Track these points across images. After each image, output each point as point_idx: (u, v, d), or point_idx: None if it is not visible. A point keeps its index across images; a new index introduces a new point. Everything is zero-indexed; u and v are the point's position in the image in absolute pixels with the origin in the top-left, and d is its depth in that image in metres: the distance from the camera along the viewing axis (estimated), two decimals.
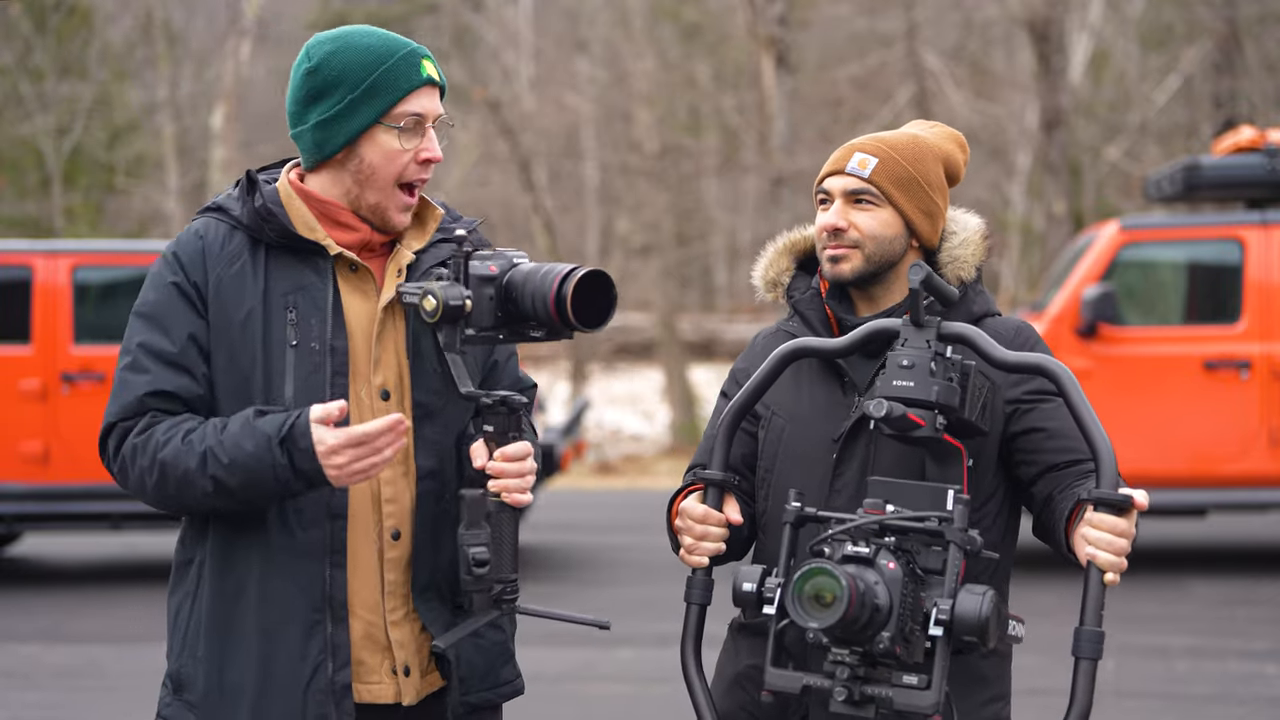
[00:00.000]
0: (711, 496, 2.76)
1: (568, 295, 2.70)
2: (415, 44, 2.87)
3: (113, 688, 7.76)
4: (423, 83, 2.81)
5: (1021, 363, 2.63)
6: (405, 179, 2.82)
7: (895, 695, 2.45)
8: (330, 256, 2.81)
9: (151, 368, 2.78)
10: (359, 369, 2.82)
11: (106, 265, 11.01)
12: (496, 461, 2.75)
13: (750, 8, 20.96)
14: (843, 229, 2.85)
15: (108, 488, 10.33)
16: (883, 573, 2.42)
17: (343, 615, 2.78)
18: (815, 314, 2.94)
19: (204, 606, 2.81)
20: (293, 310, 2.78)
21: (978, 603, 2.43)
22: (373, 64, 2.80)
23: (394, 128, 2.80)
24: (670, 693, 4.89)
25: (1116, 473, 2.52)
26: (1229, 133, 12.25)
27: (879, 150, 2.87)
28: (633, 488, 16.33)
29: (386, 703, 2.83)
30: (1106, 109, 23.44)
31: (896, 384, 2.57)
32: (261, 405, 2.75)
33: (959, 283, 2.90)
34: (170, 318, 2.80)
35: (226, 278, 2.79)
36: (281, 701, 2.75)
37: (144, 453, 2.77)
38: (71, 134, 23.32)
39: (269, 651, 2.76)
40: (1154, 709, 7.04)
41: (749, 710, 2.87)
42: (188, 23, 26.95)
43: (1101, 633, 2.49)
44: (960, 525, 2.48)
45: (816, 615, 2.36)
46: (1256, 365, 10.14)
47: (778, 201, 20.08)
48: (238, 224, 2.83)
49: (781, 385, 2.87)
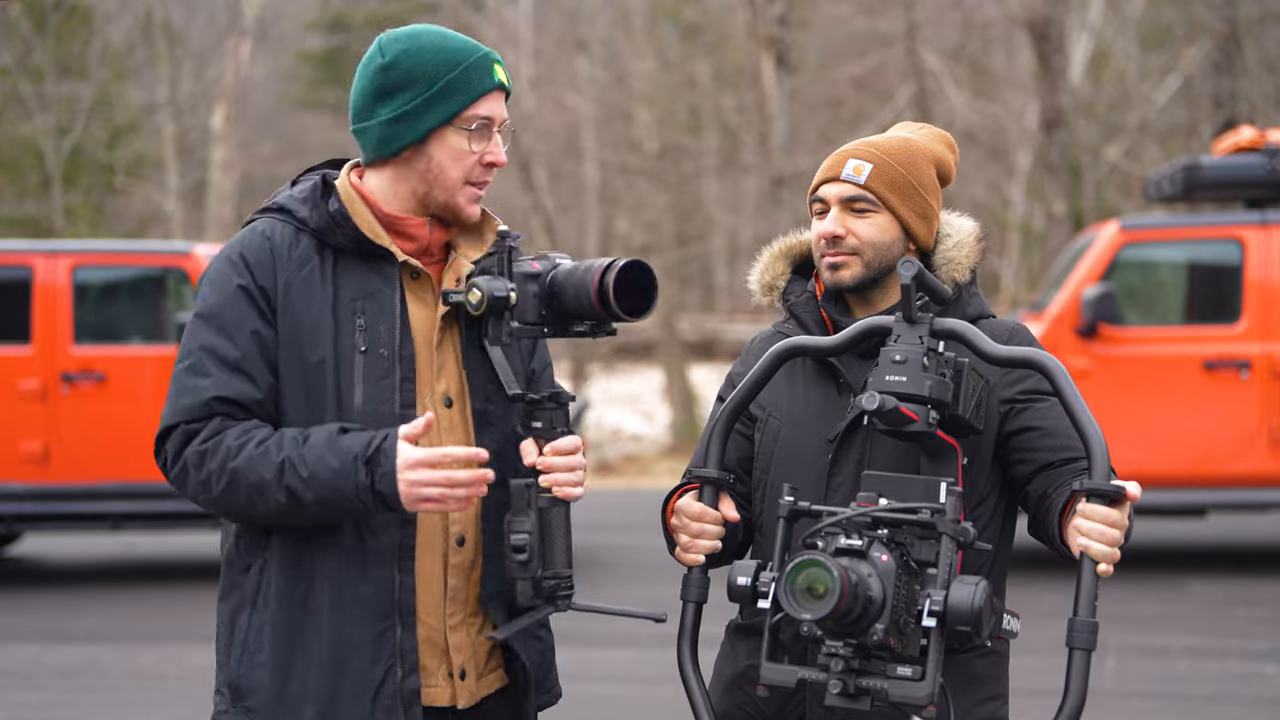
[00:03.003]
0: (707, 495, 2.76)
1: (610, 285, 2.74)
2: (488, 48, 2.89)
3: (113, 688, 7.76)
4: (494, 87, 2.83)
5: (1013, 356, 2.63)
6: (470, 180, 2.83)
7: (890, 687, 2.43)
8: (397, 263, 2.81)
9: (214, 371, 2.73)
10: (423, 376, 2.82)
11: (106, 265, 11.02)
12: (547, 456, 2.77)
13: (750, 8, 20.96)
14: (841, 236, 2.85)
15: (107, 488, 10.34)
16: (876, 565, 2.41)
17: (411, 622, 2.78)
18: (811, 317, 2.94)
19: (269, 613, 2.78)
20: (361, 316, 2.77)
21: (970, 592, 2.42)
22: (448, 65, 2.81)
23: (464, 130, 2.80)
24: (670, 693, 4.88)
25: (1108, 464, 2.52)
26: (1229, 133, 12.25)
27: (873, 156, 2.87)
28: (633, 488, 16.33)
29: (442, 705, 2.84)
30: (1106, 109, 23.43)
31: (889, 379, 2.56)
32: (332, 412, 2.74)
33: (953, 284, 2.91)
34: (235, 321, 2.75)
35: (296, 282, 2.76)
36: (351, 708, 2.74)
37: (213, 457, 2.71)
38: (71, 134, 23.31)
39: (340, 658, 2.74)
40: (1154, 709, 7.04)
41: (746, 711, 2.87)
42: (188, 23, 26.95)
43: (1095, 623, 2.47)
44: (952, 517, 2.48)
45: (809, 607, 2.35)
46: (1256, 365, 10.14)
47: (778, 201, 20.07)
48: (303, 226, 2.80)
49: (777, 387, 2.88)
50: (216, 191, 24.29)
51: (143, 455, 10.26)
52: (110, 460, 10.31)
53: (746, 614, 2.79)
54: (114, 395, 10.41)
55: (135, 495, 10.31)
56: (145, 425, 10.25)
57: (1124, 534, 2.51)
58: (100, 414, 10.38)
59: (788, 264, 3.04)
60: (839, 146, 2.99)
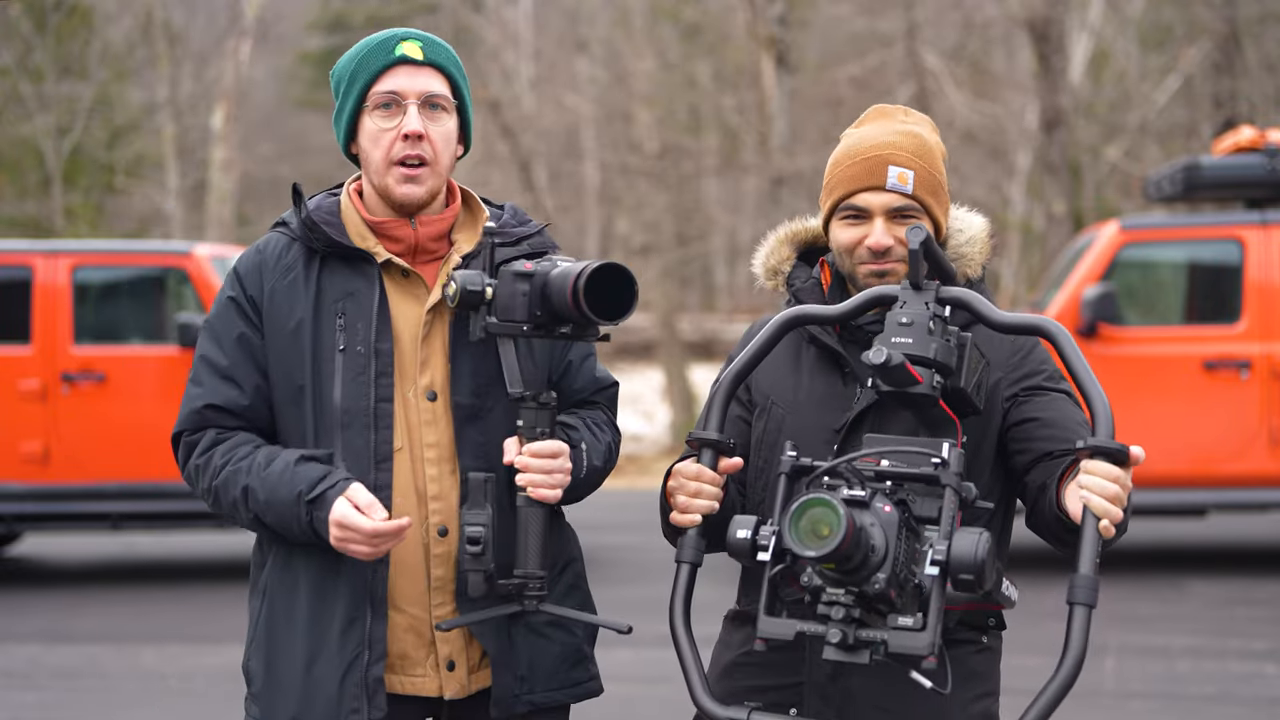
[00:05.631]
0: (706, 457, 2.72)
1: (581, 287, 2.74)
2: (406, 30, 2.92)
3: (113, 688, 7.76)
4: (394, 61, 2.86)
5: (1018, 323, 2.62)
6: (394, 158, 2.86)
7: (890, 638, 2.39)
8: (377, 263, 2.87)
9: (206, 381, 2.89)
10: (405, 370, 2.87)
11: (106, 265, 11.01)
12: (524, 456, 2.79)
13: (750, 8, 20.96)
14: (891, 246, 2.84)
15: (107, 488, 10.34)
16: (879, 515, 2.38)
17: (383, 610, 2.84)
18: (815, 303, 2.92)
19: (265, 604, 2.92)
20: (342, 316, 2.86)
21: (974, 542, 2.38)
22: (352, 57, 2.91)
23: (375, 110, 2.85)
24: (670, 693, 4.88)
25: (1112, 426, 2.49)
26: (1229, 133, 12.24)
27: (912, 162, 2.86)
28: (632, 488, 16.32)
29: (430, 695, 2.89)
30: (1106, 109, 23.43)
31: (895, 340, 2.55)
32: (314, 409, 2.84)
33: (965, 281, 2.91)
34: (225, 331, 2.91)
35: (280, 288, 2.88)
36: (322, 694, 2.83)
37: (204, 475, 2.88)
38: (71, 134, 23.32)
39: (314, 647, 2.85)
40: (1154, 709, 7.04)
41: (740, 697, 2.86)
42: (188, 23, 26.95)
43: (1096, 579, 2.44)
44: (956, 470, 2.46)
45: (813, 545, 2.32)
46: (1256, 365, 10.14)
47: (778, 201, 20.07)
48: (295, 236, 2.93)
49: (781, 375, 2.87)
50: (216, 191, 24.30)
51: (143, 455, 10.35)
52: (110, 460, 10.31)
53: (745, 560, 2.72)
54: (114, 395, 10.41)
55: (135, 495, 10.31)
56: (145, 425, 10.31)
57: (1126, 498, 2.47)
58: (100, 414, 10.38)
59: (793, 249, 3.02)
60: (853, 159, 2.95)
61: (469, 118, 2.96)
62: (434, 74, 2.88)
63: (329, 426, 2.84)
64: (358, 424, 2.83)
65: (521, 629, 2.90)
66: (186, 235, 23.60)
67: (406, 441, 2.86)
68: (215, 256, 10.88)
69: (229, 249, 12.09)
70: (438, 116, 2.88)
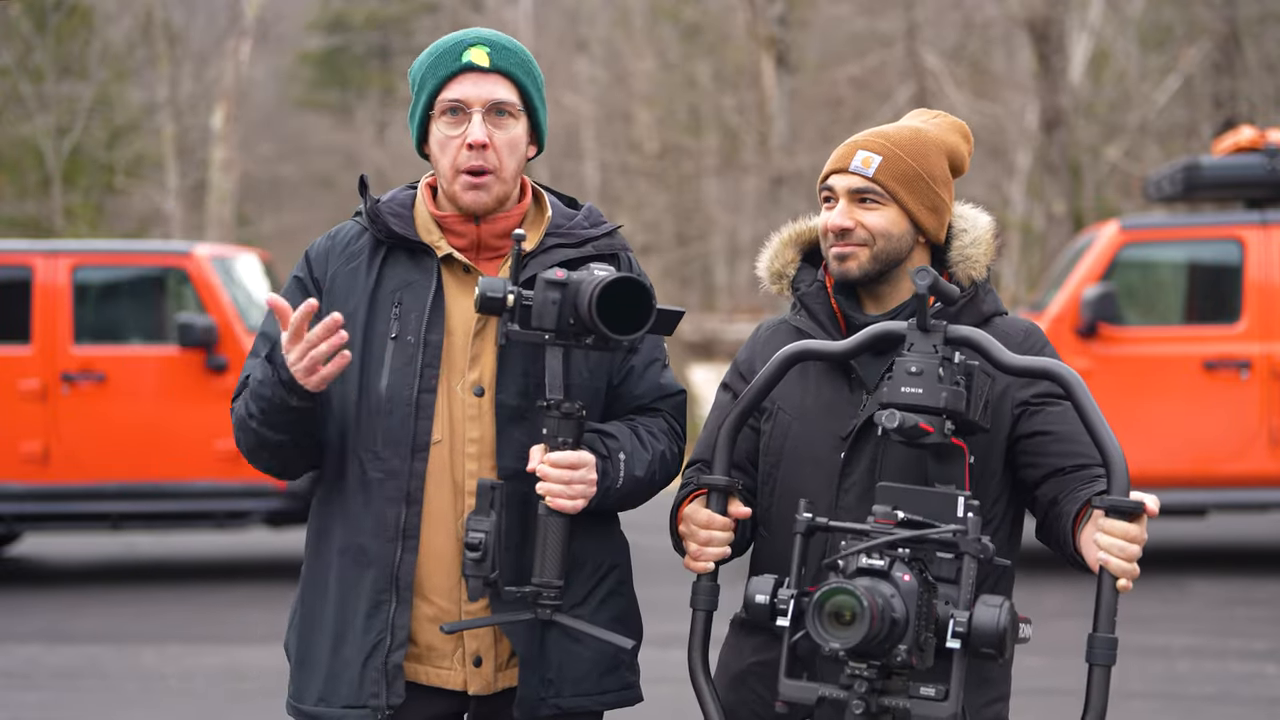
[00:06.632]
0: (715, 501, 2.74)
1: (594, 301, 2.72)
2: (474, 33, 2.94)
3: (113, 688, 7.76)
4: (460, 69, 2.88)
5: (1029, 367, 2.61)
6: (460, 167, 2.88)
7: (913, 707, 2.43)
8: (437, 256, 2.90)
9: (261, 351, 2.91)
10: (455, 364, 2.89)
11: (106, 265, 11.01)
12: (544, 465, 2.78)
13: (750, 8, 20.96)
14: (849, 229, 2.82)
15: (108, 487, 10.34)
16: (898, 585, 2.41)
17: (407, 597, 2.85)
18: (821, 308, 2.90)
19: (301, 587, 3.00)
20: (398, 305, 2.90)
21: (995, 615, 2.41)
22: (423, 61, 2.94)
23: (441, 116, 2.89)
24: (671, 693, 4.87)
25: (1128, 479, 2.51)
26: (1229, 133, 12.24)
27: (882, 148, 2.83)
28: None
29: (455, 689, 2.90)
30: (1106, 109, 23.44)
31: (905, 390, 2.55)
32: (358, 392, 2.88)
33: (970, 282, 2.87)
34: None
35: (342, 274, 2.94)
36: (345, 675, 2.87)
37: (234, 422, 2.94)
38: (71, 134, 23.32)
39: (340, 629, 2.89)
40: (1154, 709, 7.04)
41: (752, 707, 2.86)
42: (188, 23, 26.95)
43: (1114, 639, 2.48)
44: (974, 535, 2.47)
45: (839, 635, 2.35)
46: (1256, 365, 10.14)
47: (778, 201, 20.07)
48: (366, 226, 2.99)
49: (788, 381, 2.84)
50: (216, 191, 24.30)
51: (143, 455, 10.35)
52: (110, 460, 10.31)
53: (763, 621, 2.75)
54: (114, 395, 10.40)
55: (135, 495, 10.30)
56: (145, 425, 10.31)
57: (1140, 549, 2.51)
58: (100, 414, 10.37)
59: (797, 251, 2.99)
60: (839, 145, 2.95)
61: (540, 120, 2.96)
62: (500, 81, 2.88)
63: (372, 411, 2.87)
64: (400, 412, 2.85)
65: (555, 632, 2.89)
66: (186, 235, 23.60)
67: (449, 434, 2.87)
68: (215, 256, 10.87)
69: (229, 249, 12.08)
70: (504, 123, 2.88)
